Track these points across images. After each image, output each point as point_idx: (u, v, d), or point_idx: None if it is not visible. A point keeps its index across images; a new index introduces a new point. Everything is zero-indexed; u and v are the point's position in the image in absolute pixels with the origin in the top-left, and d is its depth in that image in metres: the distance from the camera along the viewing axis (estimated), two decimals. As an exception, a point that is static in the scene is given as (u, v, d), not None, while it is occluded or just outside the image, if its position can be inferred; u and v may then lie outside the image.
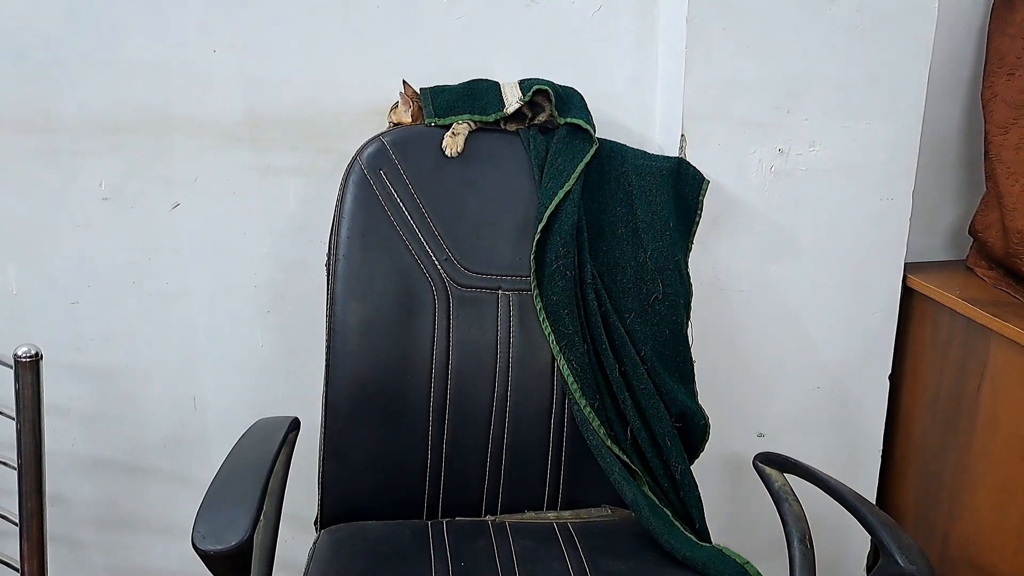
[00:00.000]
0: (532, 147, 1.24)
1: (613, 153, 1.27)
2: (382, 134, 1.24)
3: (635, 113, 1.39)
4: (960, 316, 1.30)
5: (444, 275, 1.21)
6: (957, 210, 1.54)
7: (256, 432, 1.06)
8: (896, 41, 1.31)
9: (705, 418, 1.24)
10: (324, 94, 1.33)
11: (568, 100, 1.27)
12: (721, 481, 1.47)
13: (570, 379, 1.17)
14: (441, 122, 1.24)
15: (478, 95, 1.26)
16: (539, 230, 1.19)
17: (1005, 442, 1.24)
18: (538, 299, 1.19)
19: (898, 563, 0.87)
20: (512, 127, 1.26)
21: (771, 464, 1.14)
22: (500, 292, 1.22)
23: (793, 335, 1.42)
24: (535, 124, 1.26)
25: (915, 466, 1.46)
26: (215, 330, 1.41)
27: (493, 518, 1.22)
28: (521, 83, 1.28)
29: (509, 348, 1.21)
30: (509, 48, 1.34)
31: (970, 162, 1.51)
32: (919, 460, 1.44)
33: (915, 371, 1.44)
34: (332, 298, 1.18)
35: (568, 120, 1.25)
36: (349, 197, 1.20)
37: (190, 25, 1.26)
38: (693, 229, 1.29)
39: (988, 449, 1.27)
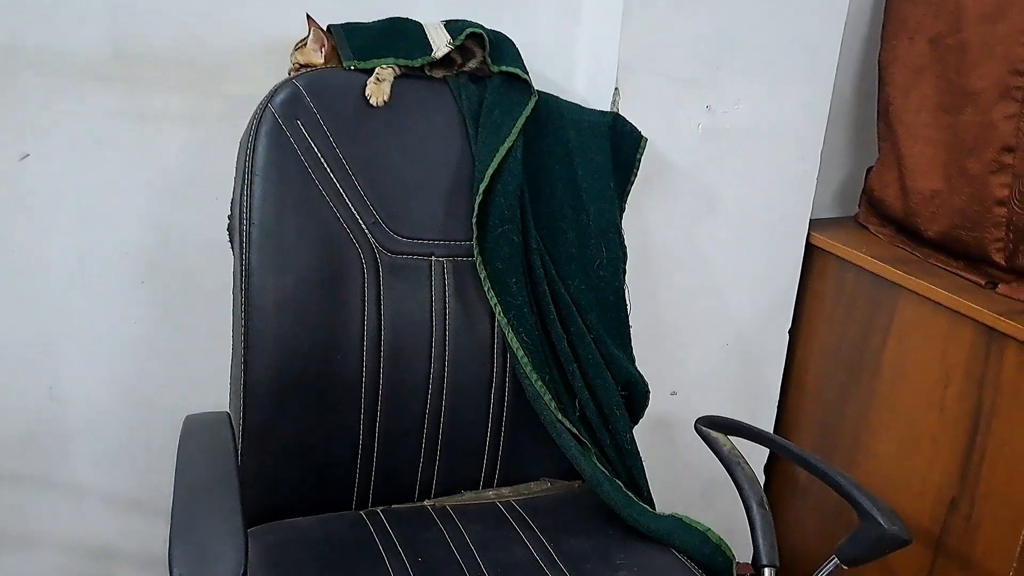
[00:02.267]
0: (464, 97, 1.13)
1: (549, 107, 1.18)
2: (294, 77, 1.07)
3: (557, 63, 1.31)
4: (867, 272, 1.36)
5: (372, 240, 1.08)
6: (844, 168, 1.60)
7: (197, 435, 0.90)
8: (814, 2, 1.31)
9: (646, 384, 1.21)
10: (208, 28, 1.14)
11: (501, 46, 1.16)
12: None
13: (519, 352, 1.08)
14: (362, 66, 1.09)
15: (401, 36, 1.13)
16: (481, 191, 1.09)
17: (911, 393, 1.31)
18: (482, 267, 1.09)
19: (881, 525, 0.89)
20: (439, 73, 1.14)
21: (716, 427, 1.14)
22: (433, 259, 1.11)
23: (710, 294, 1.42)
24: (464, 71, 1.15)
25: (810, 415, 1.52)
26: (76, 306, 1.19)
27: (431, 502, 1.13)
28: (448, 24, 1.15)
29: (445, 320, 1.11)
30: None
31: (859, 122, 1.56)
32: (815, 409, 1.51)
33: (813, 324, 1.49)
34: (247, 270, 1.02)
35: (503, 68, 1.14)
36: (261, 151, 1.03)
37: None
38: (628, 188, 1.24)
39: (892, 400, 1.34)
